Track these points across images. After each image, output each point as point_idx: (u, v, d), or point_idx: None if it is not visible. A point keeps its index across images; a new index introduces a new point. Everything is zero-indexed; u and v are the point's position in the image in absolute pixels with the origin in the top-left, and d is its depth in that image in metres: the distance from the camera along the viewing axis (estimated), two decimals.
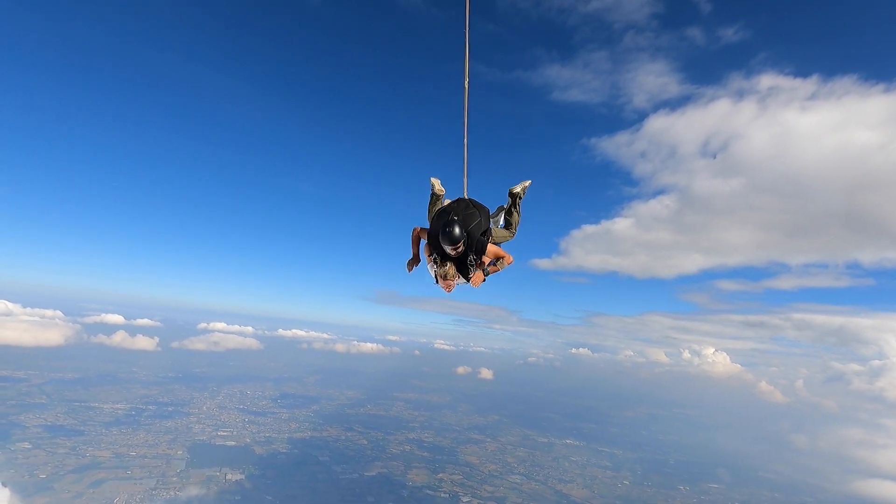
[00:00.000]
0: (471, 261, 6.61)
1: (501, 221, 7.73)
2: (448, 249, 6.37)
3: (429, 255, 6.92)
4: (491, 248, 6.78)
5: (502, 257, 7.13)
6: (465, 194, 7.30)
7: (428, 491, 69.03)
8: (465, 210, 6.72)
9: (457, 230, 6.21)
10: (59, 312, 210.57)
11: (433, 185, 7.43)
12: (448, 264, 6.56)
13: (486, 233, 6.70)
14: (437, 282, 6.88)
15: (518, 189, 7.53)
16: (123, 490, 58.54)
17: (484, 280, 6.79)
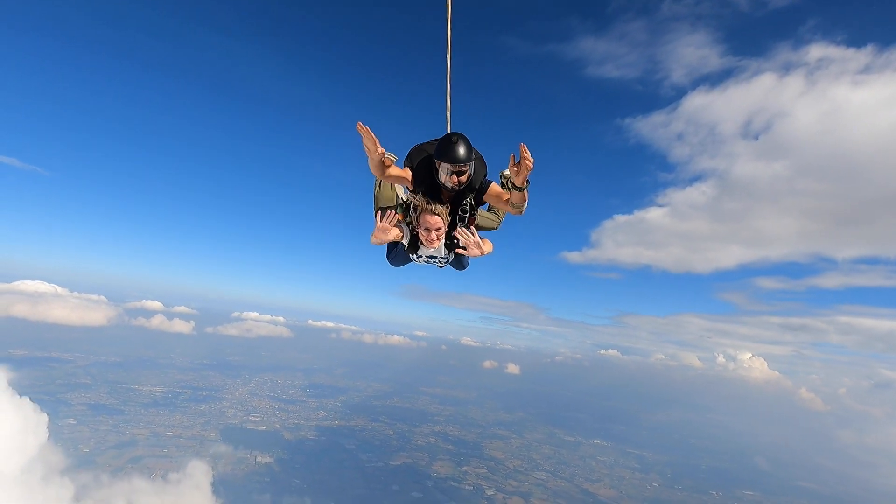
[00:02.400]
0: (465, 207, 5.21)
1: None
2: (447, 175, 4.87)
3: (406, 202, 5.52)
4: (494, 188, 5.21)
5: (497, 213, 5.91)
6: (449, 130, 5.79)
7: (452, 483, 68.97)
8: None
9: (462, 148, 4.74)
10: (103, 297, 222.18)
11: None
12: (439, 204, 5.10)
13: (486, 178, 5.36)
14: (407, 241, 5.44)
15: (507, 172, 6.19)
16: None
17: (480, 248, 5.02)
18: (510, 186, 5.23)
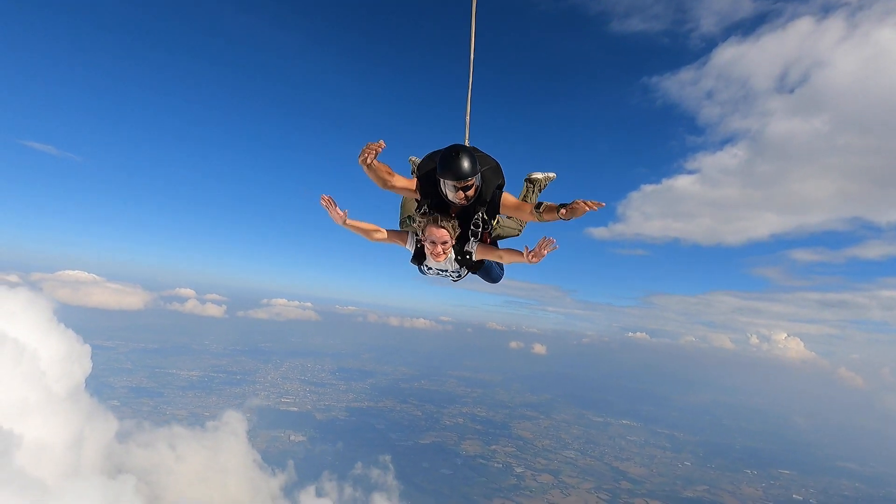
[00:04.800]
0: (476, 222, 4.79)
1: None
2: (452, 192, 4.52)
3: (416, 213, 5.05)
4: (508, 199, 4.82)
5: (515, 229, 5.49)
6: (467, 142, 5.40)
7: (481, 461, 69.63)
8: (474, 151, 4.84)
9: (465, 162, 4.32)
10: (138, 286, 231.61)
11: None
12: (446, 217, 4.72)
13: (502, 188, 4.89)
14: (412, 250, 5.06)
15: (539, 176, 5.90)
16: None
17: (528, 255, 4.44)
18: (532, 201, 5.02)
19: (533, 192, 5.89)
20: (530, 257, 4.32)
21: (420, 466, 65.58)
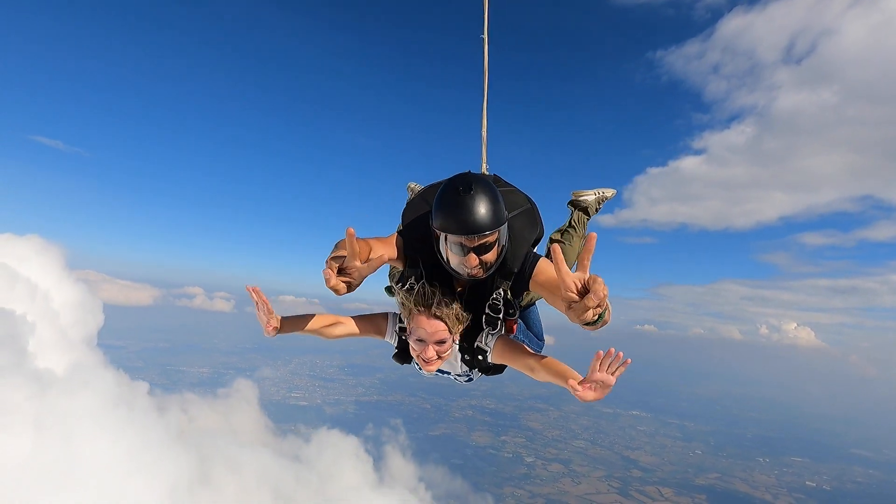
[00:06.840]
0: (496, 305, 2.70)
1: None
2: (458, 256, 2.44)
3: (396, 283, 2.93)
4: (543, 271, 2.56)
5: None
6: (484, 168, 3.53)
7: (491, 451, 69.87)
8: (494, 184, 2.55)
9: (482, 205, 2.30)
10: (147, 284, 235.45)
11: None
12: (446, 300, 2.56)
13: (538, 244, 2.90)
14: (394, 344, 3.05)
15: (590, 198, 3.68)
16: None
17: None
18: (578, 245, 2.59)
19: (581, 226, 3.64)
20: (584, 391, 2.21)
21: (430, 457, 65.91)
